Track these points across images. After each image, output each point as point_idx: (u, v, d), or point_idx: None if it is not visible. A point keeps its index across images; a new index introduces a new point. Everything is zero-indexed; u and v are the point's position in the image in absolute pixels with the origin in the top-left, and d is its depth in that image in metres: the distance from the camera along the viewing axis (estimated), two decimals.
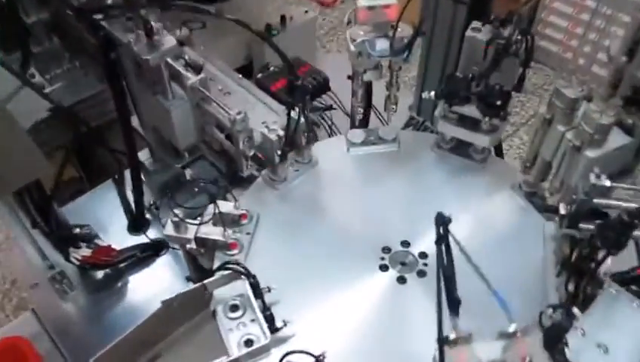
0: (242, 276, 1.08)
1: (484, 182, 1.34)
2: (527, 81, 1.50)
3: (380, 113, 1.57)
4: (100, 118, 1.61)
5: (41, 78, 1.59)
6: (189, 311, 1.08)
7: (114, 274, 1.57)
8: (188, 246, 1.23)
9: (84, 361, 1.02)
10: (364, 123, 1.53)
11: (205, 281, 1.07)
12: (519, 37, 1.19)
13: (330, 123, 1.64)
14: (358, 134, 1.41)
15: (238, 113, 1.19)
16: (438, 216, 0.89)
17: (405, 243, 1.21)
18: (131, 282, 1.57)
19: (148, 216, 1.65)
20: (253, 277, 1.07)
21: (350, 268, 1.18)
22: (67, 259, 1.46)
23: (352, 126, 1.48)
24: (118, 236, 1.60)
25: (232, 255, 1.20)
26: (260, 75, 1.64)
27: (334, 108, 1.64)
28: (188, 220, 1.20)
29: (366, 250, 1.21)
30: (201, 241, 1.21)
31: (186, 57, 1.27)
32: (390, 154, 1.40)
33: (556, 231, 1.11)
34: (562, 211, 1.01)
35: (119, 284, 1.56)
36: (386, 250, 1.21)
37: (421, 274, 1.16)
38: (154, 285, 1.53)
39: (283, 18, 2.01)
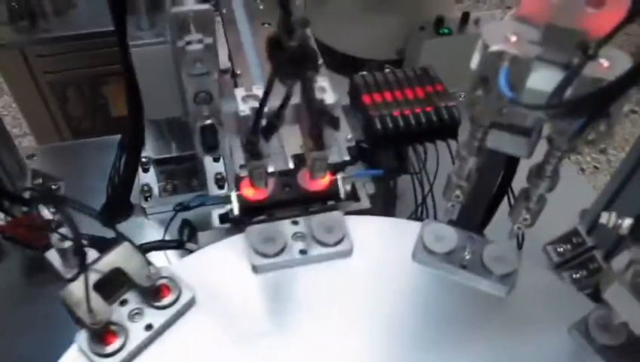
0: None
1: None
2: None
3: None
4: None
5: None
6: None
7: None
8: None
9: None
10: (477, 217, 0.82)
11: None
12: None
13: (426, 190, 0.93)
14: (444, 234, 0.73)
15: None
16: None
17: None
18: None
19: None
20: None
21: None
22: None
23: (448, 215, 0.76)
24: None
25: (103, 354, 0.63)
26: (360, 74, 0.98)
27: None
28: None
29: None
30: (66, 307, 0.66)
31: None
32: (483, 303, 0.69)
33: None
34: None
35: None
36: None
37: None
38: None
39: (465, 16, 1.36)
